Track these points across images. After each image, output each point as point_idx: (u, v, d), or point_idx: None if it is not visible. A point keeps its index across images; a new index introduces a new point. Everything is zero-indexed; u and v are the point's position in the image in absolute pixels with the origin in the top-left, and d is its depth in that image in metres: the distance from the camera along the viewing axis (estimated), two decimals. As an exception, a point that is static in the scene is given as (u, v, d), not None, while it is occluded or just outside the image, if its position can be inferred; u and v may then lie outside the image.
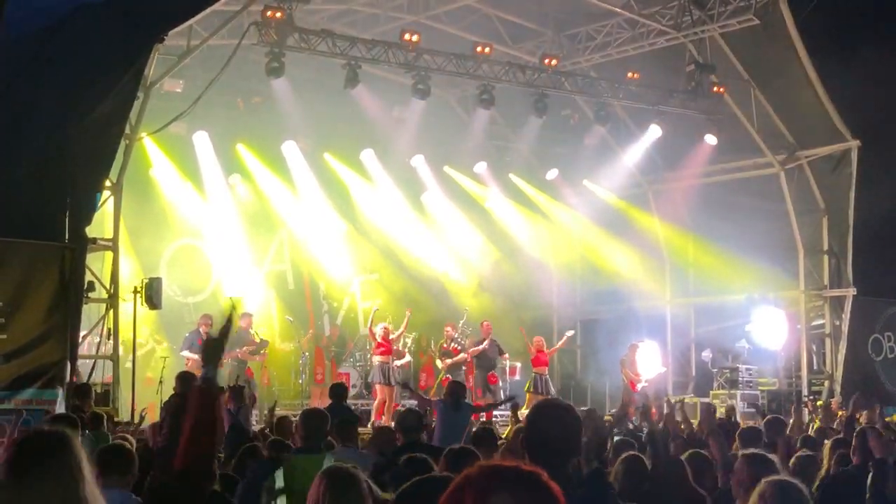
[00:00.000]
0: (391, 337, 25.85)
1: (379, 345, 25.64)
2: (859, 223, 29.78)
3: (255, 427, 18.55)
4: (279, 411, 19.17)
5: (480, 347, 27.25)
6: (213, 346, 5.71)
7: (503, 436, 16.08)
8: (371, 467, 11.11)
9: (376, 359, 25.75)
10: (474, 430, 14.73)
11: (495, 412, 25.77)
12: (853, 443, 10.10)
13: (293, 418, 14.02)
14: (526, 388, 27.86)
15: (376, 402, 24.95)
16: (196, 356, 25.11)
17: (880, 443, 10.05)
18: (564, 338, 29.76)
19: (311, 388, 28.15)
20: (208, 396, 5.47)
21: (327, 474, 6.71)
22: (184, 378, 17.06)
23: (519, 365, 29.79)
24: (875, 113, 28.65)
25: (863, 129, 29.31)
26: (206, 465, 5.39)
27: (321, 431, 10.51)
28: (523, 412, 27.25)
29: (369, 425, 22.20)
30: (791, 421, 17.64)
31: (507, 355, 28.49)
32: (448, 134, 31.28)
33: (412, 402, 23.71)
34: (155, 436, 14.07)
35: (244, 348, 25.86)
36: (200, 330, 25.73)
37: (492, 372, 27.15)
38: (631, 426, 17.50)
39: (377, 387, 25.29)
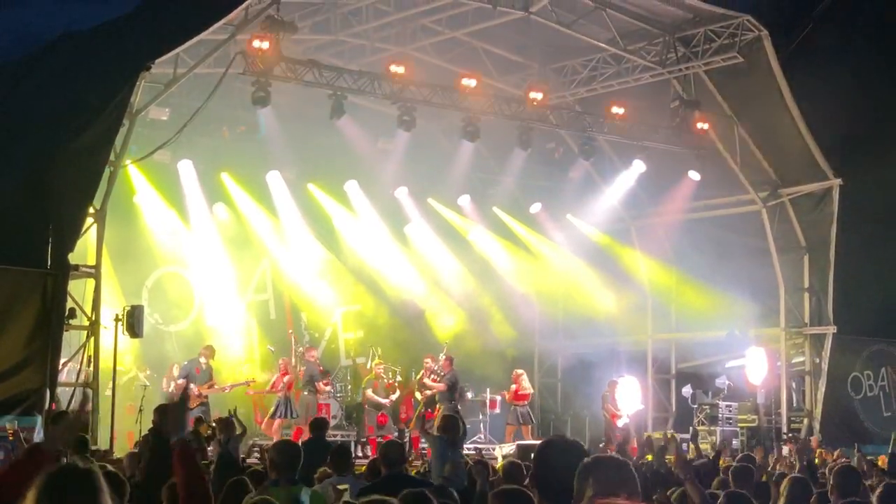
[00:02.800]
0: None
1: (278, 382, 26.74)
2: (840, 261, 29.90)
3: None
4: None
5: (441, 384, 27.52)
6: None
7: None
8: (356, 494, 11.29)
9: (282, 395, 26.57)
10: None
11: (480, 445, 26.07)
12: (831, 481, 10.09)
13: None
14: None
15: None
16: (192, 385, 25.28)
17: None
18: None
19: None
20: (187, 455, 5.51)
21: None
22: (161, 411, 16.97)
23: (499, 398, 29.75)
24: (856, 152, 28.82)
25: (844, 167, 29.46)
26: None
27: (295, 463, 10.52)
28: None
29: None
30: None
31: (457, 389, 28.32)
32: (432, 166, 31.31)
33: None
34: (132, 466, 14.04)
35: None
36: (200, 360, 25.84)
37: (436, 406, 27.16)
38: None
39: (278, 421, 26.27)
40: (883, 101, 29.51)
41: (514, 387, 28.76)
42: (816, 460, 21.66)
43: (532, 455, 6.20)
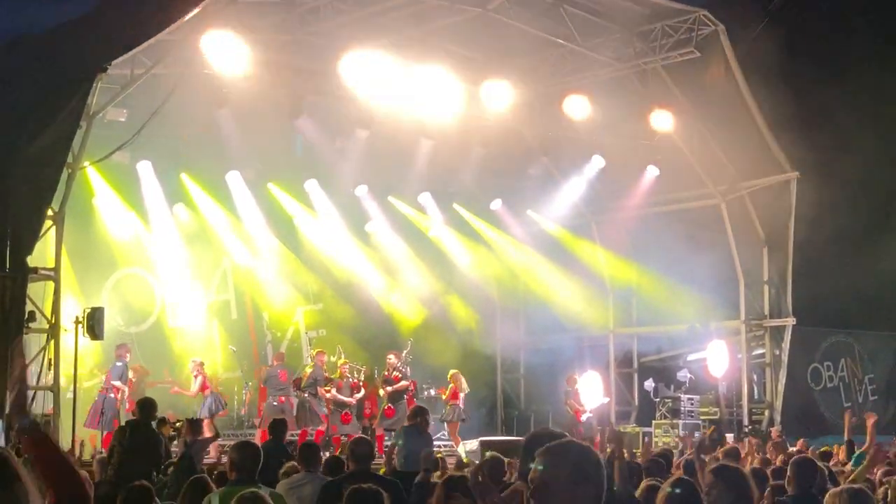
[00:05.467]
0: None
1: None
2: (799, 254, 30.16)
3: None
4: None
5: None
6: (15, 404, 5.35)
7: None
8: (319, 490, 11.37)
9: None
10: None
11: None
12: (788, 473, 10.18)
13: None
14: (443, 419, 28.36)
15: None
16: (125, 387, 25.24)
17: None
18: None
19: (255, 420, 28.12)
20: (38, 440, 5.16)
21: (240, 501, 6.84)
22: (143, 405, 16.90)
23: (461, 395, 29.79)
24: (814, 145, 29.05)
25: (802, 161, 29.69)
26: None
27: (254, 464, 10.56)
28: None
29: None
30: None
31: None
32: (392, 164, 31.29)
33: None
34: (102, 472, 14.00)
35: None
36: (118, 364, 25.52)
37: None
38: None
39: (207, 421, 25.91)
40: (839, 94, 29.76)
41: (452, 385, 28.67)
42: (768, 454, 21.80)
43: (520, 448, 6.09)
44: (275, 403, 26.87)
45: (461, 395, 28.25)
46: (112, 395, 24.94)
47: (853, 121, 29.88)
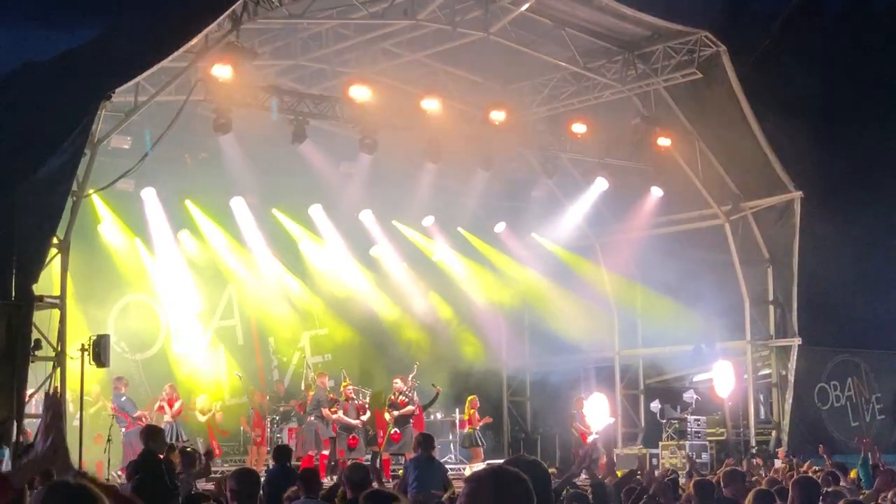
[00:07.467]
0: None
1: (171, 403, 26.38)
2: (803, 273, 30.13)
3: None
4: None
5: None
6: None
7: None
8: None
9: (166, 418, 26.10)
10: None
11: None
12: (790, 493, 10.15)
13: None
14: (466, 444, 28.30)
15: None
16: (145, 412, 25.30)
17: None
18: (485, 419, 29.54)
19: (248, 447, 28.14)
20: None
21: None
22: (147, 434, 16.67)
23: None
24: (817, 164, 29.06)
25: (805, 180, 29.69)
26: None
27: (255, 491, 10.50)
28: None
29: None
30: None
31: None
32: (396, 188, 31.32)
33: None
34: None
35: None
36: (123, 399, 25.48)
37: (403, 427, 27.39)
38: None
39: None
40: (841, 113, 29.80)
41: (472, 411, 28.66)
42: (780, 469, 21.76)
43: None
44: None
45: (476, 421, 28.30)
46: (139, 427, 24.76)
47: (857, 139, 29.92)
